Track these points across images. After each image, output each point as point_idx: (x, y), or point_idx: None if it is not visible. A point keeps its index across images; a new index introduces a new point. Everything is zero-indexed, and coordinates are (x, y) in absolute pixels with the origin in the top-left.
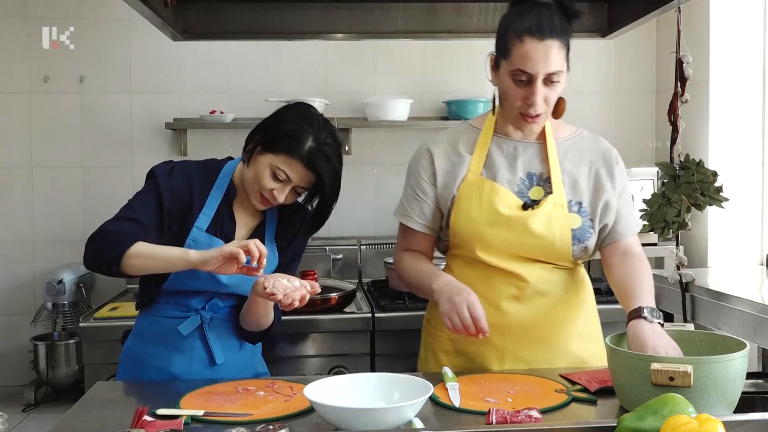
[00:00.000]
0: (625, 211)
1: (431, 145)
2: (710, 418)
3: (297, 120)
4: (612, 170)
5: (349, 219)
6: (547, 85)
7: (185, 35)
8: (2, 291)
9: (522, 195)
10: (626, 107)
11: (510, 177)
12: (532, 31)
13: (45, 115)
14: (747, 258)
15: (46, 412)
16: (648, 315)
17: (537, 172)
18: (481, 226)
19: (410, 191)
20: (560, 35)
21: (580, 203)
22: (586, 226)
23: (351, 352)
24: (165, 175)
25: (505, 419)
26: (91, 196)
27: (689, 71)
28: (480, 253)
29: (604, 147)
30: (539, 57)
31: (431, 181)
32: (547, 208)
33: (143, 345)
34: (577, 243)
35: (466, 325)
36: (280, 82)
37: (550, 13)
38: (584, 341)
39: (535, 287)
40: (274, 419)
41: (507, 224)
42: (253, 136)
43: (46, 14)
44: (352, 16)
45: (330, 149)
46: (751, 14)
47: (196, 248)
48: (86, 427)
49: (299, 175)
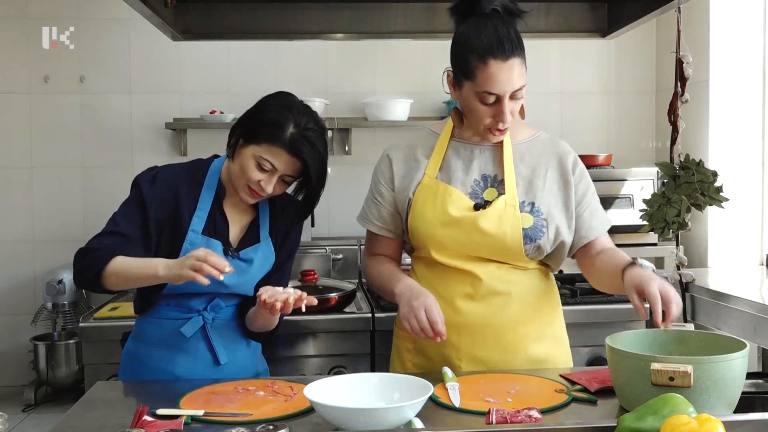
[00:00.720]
0: (587, 215)
1: (390, 151)
2: (710, 418)
3: (277, 109)
4: (567, 173)
5: (349, 219)
6: (512, 99)
7: (185, 35)
8: (2, 291)
9: (476, 196)
10: (626, 107)
11: (464, 179)
12: (494, 52)
13: (45, 115)
14: (747, 258)
15: (46, 412)
16: (638, 263)
17: (491, 174)
18: (434, 227)
19: (370, 195)
20: (519, 48)
21: (533, 203)
22: (538, 226)
23: (351, 352)
24: (149, 183)
25: (505, 419)
26: (91, 196)
27: (689, 71)
28: (434, 253)
29: (562, 150)
30: (504, 78)
31: (389, 186)
32: (498, 208)
33: (145, 347)
34: (529, 242)
35: (424, 328)
36: (280, 82)
37: (505, 25)
38: (543, 342)
39: (489, 286)
40: (274, 419)
41: (458, 225)
42: (235, 130)
43: (46, 14)
44: (352, 16)
45: (313, 134)
46: (751, 14)
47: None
48: (86, 427)
49: (284, 163)
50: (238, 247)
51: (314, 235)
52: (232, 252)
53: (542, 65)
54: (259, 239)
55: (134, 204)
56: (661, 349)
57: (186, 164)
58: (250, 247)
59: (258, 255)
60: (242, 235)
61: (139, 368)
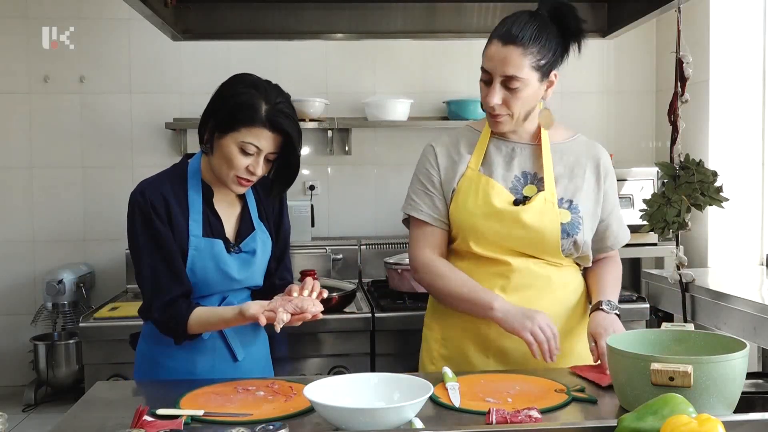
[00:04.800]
0: (616, 225)
1: (435, 144)
2: (710, 418)
3: (244, 90)
4: (600, 178)
5: (349, 219)
6: (507, 89)
7: (185, 35)
8: (2, 291)
9: (516, 192)
10: (626, 107)
11: (505, 174)
12: (500, 34)
13: (45, 115)
14: (747, 258)
15: (46, 412)
16: (605, 307)
17: (531, 172)
18: (476, 218)
19: (419, 186)
20: (528, 44)
21: (571, 201)
22: (575, 222)
23: (351, 352)
24: (151, 210)
25: (505, 419)
26: (91, 196)
27: (689, 71)
28: (473, 244)
29: (599, 153)
30: (497, 59)
31: (438, 175)
32: (538, 203)
33: (161, 348)
34: (566, 237)
35: (548, 346)
36: (280, 82)
37: (535, 22)
38: (572, 338)
39: (522, 278)
40: (274, 419)
41: (499, 217)
42: (206, 125)
43: (46, 14)
44: (352, 16)
45: (285, 105)
46: (751, 14)
47: (199, 255)
48: (86, 427)
49: (267, 141)
50: (236, 240)
51: (314, 235)
52: (234, 247)
53: None
54: (253, 227)
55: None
56: (661, 349)
57: (164, 173)
58: (249, 237)
59: (258, 243)
60: (237, 228)
61: (157, 369)
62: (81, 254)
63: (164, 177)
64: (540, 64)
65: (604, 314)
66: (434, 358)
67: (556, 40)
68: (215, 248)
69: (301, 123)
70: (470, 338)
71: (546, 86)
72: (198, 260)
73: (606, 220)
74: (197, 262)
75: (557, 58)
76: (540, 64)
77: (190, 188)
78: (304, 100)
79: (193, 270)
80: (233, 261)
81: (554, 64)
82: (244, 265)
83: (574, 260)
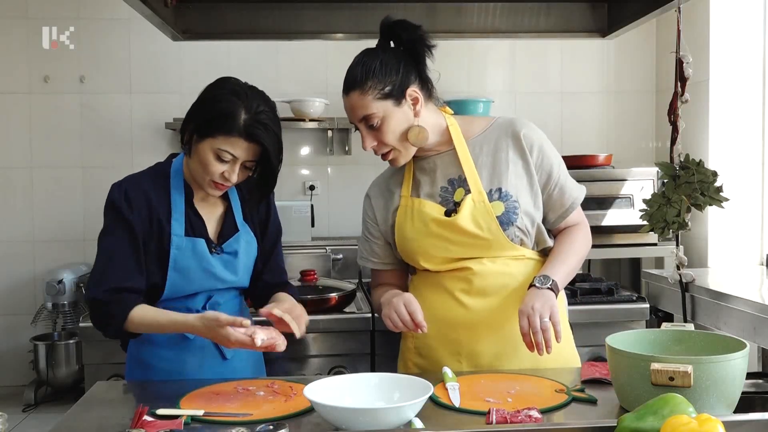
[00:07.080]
0: (569, 185)
1: (369, 191)
2: (710, 418)
3: (226, 97)
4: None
5: (349, 219)
6: (372, 129)
7: (185, 35)
8: (2, 291)
9: (447, 202)
10: (626, 107)
11: (431, 189)
12: (343, 88)
13: (45, 115)
14: (747, 258)
15: (46, 412)
16: (536, 282)
17: (456, 176)
18: (417, 241)
19: (362, 235)
20: (362, 82)
21: (500, 189)
22: (510, 209)
23: (351, 352)
24: (124, 203)
25: (505, 419)
26: (91, 196)
27: (689, 71)
28: (424, 263)
29: (516, 128)
30: (348, 108)
31: (374, 222)
32: (467, 206)
33: (150, 349)
34: (508, 227)
35: (404, 320)
36: (280, 82)
37: (363, 59)
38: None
39: (483, 280)
40: (274, 419)
41: (437, 232)
42: (187, 126)
43: (46, 14)
44: (352, 16)
45: (265, 116)
46: (751, 14)
47: (182, 254)
48: (86, 427)
49: (243, 151)
50: (218, 241)
51: (314, 235)
52: (216, 248)
53: (542, 65)
54: (237, 228)
55: (119, 230)
56: (661, 349)
57: (148, 171)
58: (231, 238)
59: (241, 244)
60: (220, 229)
61: (146, 371)
62: (81, 254)
63: (146, 175)
64: (385, 92)
65: (535, 290)
66: (409, 367)
67: (395, 60)
68: (198, 247)
69: (301, 123)
70: (442, 345)
71: (412, 104)
72: (181, 259)
73: (553, 185)
74: (180, 261)
75: (406, 77)
76: (385, 92)
77: (172, 188)
78: (304, 100)
79: (176, 269)
80: (216, 261)
81: (405, 83)
82: (226, 266)
83: (538, 249)
